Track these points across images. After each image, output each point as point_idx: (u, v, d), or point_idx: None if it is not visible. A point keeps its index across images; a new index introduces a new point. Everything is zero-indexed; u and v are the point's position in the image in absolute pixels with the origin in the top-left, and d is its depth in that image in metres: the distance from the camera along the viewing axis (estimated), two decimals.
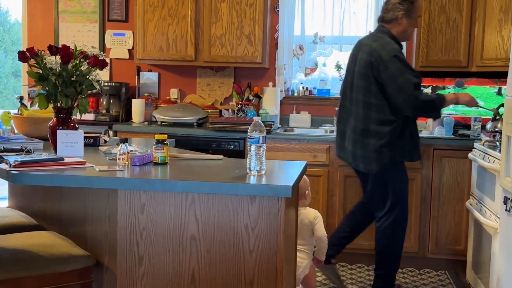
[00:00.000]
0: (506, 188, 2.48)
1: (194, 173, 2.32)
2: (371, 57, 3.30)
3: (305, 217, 3.04)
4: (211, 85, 4.86)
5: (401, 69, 3.23)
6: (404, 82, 3.21)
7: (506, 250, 2.53)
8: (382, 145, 3.28)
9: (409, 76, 3.23)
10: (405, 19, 3.40)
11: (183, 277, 2.14)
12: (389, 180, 3.38)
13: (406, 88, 3.21)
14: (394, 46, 3.32)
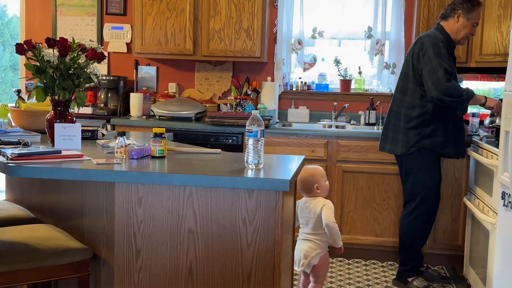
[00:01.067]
0: (504, 183, 2.48)
1: (192, 167, 2.32)
2: (416, 45, 3.53)
3: (315, 207, 3.05)
4: (210, 80, 4.85)
5: (438, 54, 3.38)
6: (438, 65, 3.35)
7: (504, 245, 2.54)
8: (409, 128, 3.48)
9: (444, 62, 3.36)
10: (462, 18, 3.52)
11: (180, 270, 2.14)
12: (413, 166, 3.52)
13: (438, 71, 3.34)
14: (439, 37, 3.48)
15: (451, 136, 3.49)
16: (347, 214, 4.07)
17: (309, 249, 3.02)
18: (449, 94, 3.32)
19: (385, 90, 4.64)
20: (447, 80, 3.32)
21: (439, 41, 3.45)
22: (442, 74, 3.32)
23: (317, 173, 3.12)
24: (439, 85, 3.32)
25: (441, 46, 3.42)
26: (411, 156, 3.50)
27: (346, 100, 4.64)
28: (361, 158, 4.03)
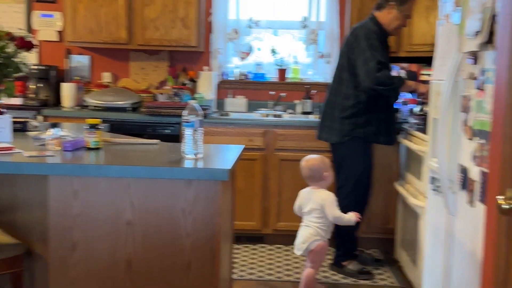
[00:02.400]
0: (433, 168, 2.60)
1: (129, 158, 2.29)
2: (351, 36, 3.63)
3: (317, 197, 3.19)
4: (145, 69, 4.77)
5: (370, 46, 3.48)
6: (370, 56, 3.45)
7: (432, 227, 2.66)
8: (344, 117, 3.58)
9: (376, 53, 3.46)
10: (394, 10, 3.60)
11: (118, 263, 2.11)
12: (346, 155, 3.62)
13: (370, 62, 3.44)
14: (372, 28, 3.58)
15: (383, 125, 3.62)
16: (285, 202, 4.13)
17: (309, 235, 3.18)
18: (380, 83, 3.44)
19: (320, 80, 4.72)
20: (378, 70, 3.43)
21: (372, 32, 3.54)
22: (373, 65, 3.43)
23: (326, 161, 3.28)
24: (371, 75, 3.43)
25: (374, 37, 3.52)
26: (345, 144, 3.61)
27: (282, 89, 4.69)
28: (298, 147, 4.10)
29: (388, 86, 3.47)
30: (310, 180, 3.26)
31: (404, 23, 3.71)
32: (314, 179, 3.24)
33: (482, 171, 2.00)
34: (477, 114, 2.07)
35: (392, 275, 3.72)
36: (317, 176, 3.22)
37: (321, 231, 3.19)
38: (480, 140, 2.03)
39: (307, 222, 3.24)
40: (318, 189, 3.23)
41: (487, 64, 2.00)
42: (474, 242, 2.06)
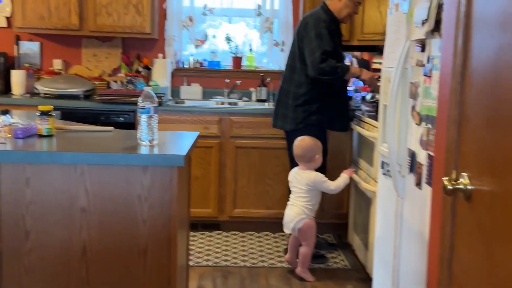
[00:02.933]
0: (383, 153, 2.68)
1: (83, 145, 2.27)
2: (301, 25, 3.69)
3: (306, 178, 3.39)
4: (98, 56, 4.70)
5: (318, 35, 3.54)
6: (316, 46, 3.52)
7: (383, 211, 2.75)
8: (297, 105, 3.64)
9: (323, 43, 3.52)
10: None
11: (73, 250, 2.10)
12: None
13: (316, 52, 3.51)
14: (322, 17, 3.62)
15: (336, 112, 3.70)
16: (240, 189, 4.17)
17: (295, 214, 3.40)
18: (324, 73, 3.52)
19: (275, 68, 4.77)
20: (322, 61, 3.50)
21: (322, 21, 3.59)
22: (318, 55, 3.50)
23: (320, 145, 3.47)
24: (315, 65, 3.51)
25: (322, 26, 3.57)
26: (299, 132, 3.66)
27: (237, 77, 4.71)
28: (254, 134, 4.14)
29: (331, 76, 3.54)
30: (300, 159, 3.45)
31: (355, 11, 3.75)
32: (304, 159, 3.43)
33: (429, 154, 2.08)
34: (424, 100, 2.15)
35: (345, 259, 3.82)
36: (307, 156, 3.42)
37: (306, 209, 3.41)
38: (427, 125, 2.12)
39: (293, 201, 3.46)
40: (305, 170, 3.43)
41: (434, 51, 2.07)
42: (422, 223, 2.15)
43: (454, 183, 1.58)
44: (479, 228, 1.49)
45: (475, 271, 1.50)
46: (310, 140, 3.47)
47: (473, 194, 1.52)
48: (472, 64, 1.56)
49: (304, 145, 3.44)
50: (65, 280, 2.11)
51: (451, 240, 1.67)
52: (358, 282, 3.45)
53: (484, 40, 1.49)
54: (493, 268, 1.39)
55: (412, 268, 2.27)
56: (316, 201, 3.49)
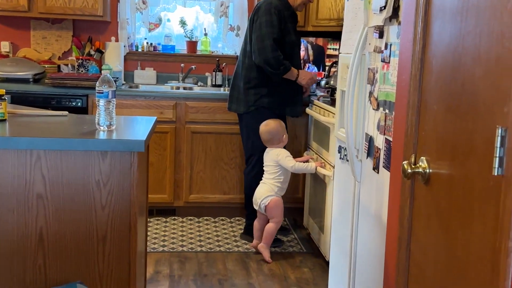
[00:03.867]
0: (341, 138, 2.73)
1: (38, 130, 2.20)
2: (254, 10, 3.69)
3: (273, 154, 3.52)
4: (48, 39, 4.55)
5: (269, 22, 3.54)
6: (267, 33, 3.53)
7: (339, 195, 2.80)
8: (249, 88, 3.68)
9: (274, 31, 3.53)
10: None
11: (30, 238, 2.05)
12: (253, 125, 3.69)
13: (266, 40, 3.52)
14: (274, 4, 3.60)
15: (287, 96, 3.73)
16: (196, 174, 4.15)
17: (263, 191, 3.53)
18: (269, 64, 3.54)
19: (230, 52, 4.75)
20: (273, 50, 3.52)
21: (273, 7, 3.59)
22: (270, 43, 3.52)
23: (282, 123, 3.59)
24: (263, 53, 3.53)
25: (273, 13, 3.57)
26: (251, 114, 3.70)
27: (193, 62, 4.67)
28: (209, 119, 4.12)
29: (274, 70, 3.55)
30: (269, 143, 3.55)
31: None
32: (273, 142, 3.54)
33: (386, 139, 2.13)
34: (382, 86, 2.20)
35: (301, 242, 3.88)
36: (276, 139, 3.53)
37: (275, 187, 3.54)
38: (384, 110, 2.16)
39: (264, 180, 3.59)
40: (273, 148, 3.55)
41: (392, 38, 2.11)
42: (379, 206, 2.20)
43: (413, 166, 1.63)
44: (437, 211, 1.54)
45: (433, 252, 1.56)
46: (274, 123, 3.55)
47: (431, 177, 1.57)
48: (431, 50, 1.60)
49: (270, 129, 3.52)
50: (21, 268, 2.06)
51: (410, 222, 1.72)
52: (314, 265, 3.51)
53: (443, 27, 1.53)
54: (450, 249, 1.45)
55: (369, 251, 2.33)
56: (285, 179, 3.58)
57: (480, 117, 1.30)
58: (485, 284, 1.25)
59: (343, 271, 2.65)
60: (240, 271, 3.37)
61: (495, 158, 1.19)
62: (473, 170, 1.33)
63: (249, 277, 3.29)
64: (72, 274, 2.09)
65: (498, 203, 1.20)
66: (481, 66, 1.31)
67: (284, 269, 3.42)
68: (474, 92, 1.34)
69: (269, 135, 3.54)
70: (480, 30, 1.32)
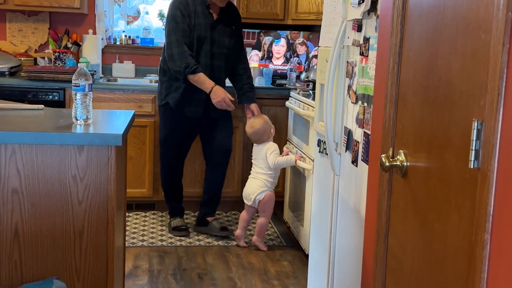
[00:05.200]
0: (319, 131, 2.73)
1: (12, 123, 2.16)
2: None
3: (264, 149, 3.54)
4: (24, 31, 4.47)
5: (173, 16, 3.46)
6: (172, 28, 3.46)
7: (318, 188, 2.81)
8: (163, 81, 3.66)
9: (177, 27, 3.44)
10: None
11: (5, 233, 2.01)
12: (160, 116, 3.73)
13: (171, 34, 3.47)
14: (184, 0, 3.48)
15: (185, 95, 3.56)
16: None
17: (256, 186, 3.53)
18: (173, 59, 3.44)
19: None
20: (178, 46, 3.42)
21: (179, 2, 3.46)
22: (174, 38, 3.44)
23: (266, 118, 3.60)
24: (169, 48, 3.46)
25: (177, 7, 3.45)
26: (161, 107, 3.70)
27: None
28: None
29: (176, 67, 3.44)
30: (259, 141, 3.56)
31: None
32: (263, 140, 3.55)
33: (365, 132, 2.14)
34: (361, 79, 2.20)
35: (281, 236, 3.88)
36: (265, 136, 3.55)
37: (267, 182, 3.55)
38: (363, 104, 2.17)
39: (254, 174, 3.59)
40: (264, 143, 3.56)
41: (370, 31, 2.12)
42: (358, 199, 2.21)
43: (391, 159, 1.63)
44: (414, 203, 1.55)
45: (411, 244, 1.57)
46: (258, 121, 3.55)
47: (409, 170, 1.58)
48: (409, 44, 1.61)
49: (256, 130, 3.54)
50: None
51: (387, 215, 1.73)
52: (293, 258, 3.52)
53: (421, 20, 1.54)
54: (427, 242, 1.46)
55: (348, 244, 2.34)
56: (276, 174, 3.61)
57: (457, 110, 1.31)
58: (462, 276, 1.27)
59: (323, 264, 2.66)
60: (219, 265, 3.36)
61: (471, 151, 1.20)
62: (449, 163, 1.34)
63: (229, 271, 3.29)
64: (49, 269, 2.06)
65: (474, 195, 1.21)
66: (457, 59, 1.32)
67: (264, 263, 3.43)
68: (451, 85, 1.34)
69: (256, 135, 3.55)
70: (456, 23, 1.33)
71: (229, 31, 3.61)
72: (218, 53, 3.57)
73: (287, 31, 4.65)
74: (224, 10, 3.59)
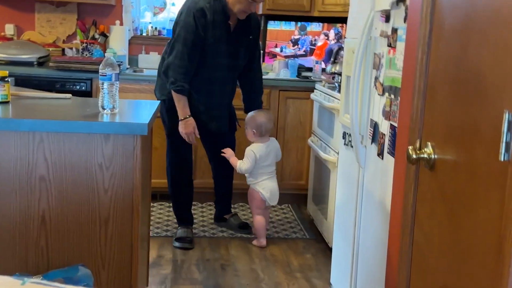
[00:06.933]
0: (345, 124, 2.70)
1: (41, 112, 2.19)
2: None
3: (275, 146, 3.55)
4: (52, 22, 4.53)
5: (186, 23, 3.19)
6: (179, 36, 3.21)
7: (343, 181, 2.79)
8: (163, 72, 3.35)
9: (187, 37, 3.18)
10: None
11: (32, 219, 2.04)
12: (165, 111, 3.44)
13: (177, 42, 3.21)
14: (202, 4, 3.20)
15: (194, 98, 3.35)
16: (200, 159, 4.13)
17: (276, 185, 3.57)
18: (168, 68, 3.25)
19: None
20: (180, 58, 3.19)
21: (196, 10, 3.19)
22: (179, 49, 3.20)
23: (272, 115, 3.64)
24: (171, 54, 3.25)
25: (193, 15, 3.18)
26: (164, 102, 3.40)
27: None
28: None
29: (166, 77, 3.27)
30: (270, 133, 3.54)
31: (250, 8, 3.24)
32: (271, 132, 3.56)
33: (391, 124, 2.11)
34: (388, 71, 2.17)
35: (304, 229, 3.87)
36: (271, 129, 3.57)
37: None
38: (390, 96, 2.14)
39: (270, 174, 3.54)
40: (273, 139, 3.58)
41: (398, 22, 2.09)
42: (383, 192, 2.19)
43: (418, 152, 1.61)
44: (442, 197, 1.53)
45: (437, 238, 1.54)
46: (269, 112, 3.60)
47: (436, 163, 1.55)
48: (438, 34, 1.58)
49: (272, 119, 3.57)
50: (23, 249, 2.06)
51: (413, 208, 1.71)
52: (317, 251, 3.51)
53: (451, 10, 1.50)
54: (454, 236, 1.43)
55: (373, 237, 2.32)
56: None
57: (488, 102, 1.28)
58: (489, 270, 1.24)
59: (346, 258, 2.64)
60: (242, 256, 3.37)
61: (502, 143, 1.17)
62: (479, 155, 1.31)
63: (251, 262, 3.29)
64: (74, 256, 2.09)
65: (503, 189, 1.18)
66: (489, 50, 1.29)
67: (287, 255, 3.42)
68: (482, 76, 1.31)
69: (272, 125, 3.55)
70: (488, 14, 1.30)
71: (246, 41, 3.42)
72: (233, 65, 3.40)
73: (312, 22, 4.61)
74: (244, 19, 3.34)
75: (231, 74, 3.44)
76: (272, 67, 4.48)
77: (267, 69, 4.42)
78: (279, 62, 4.41)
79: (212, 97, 3.40)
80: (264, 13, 4.42)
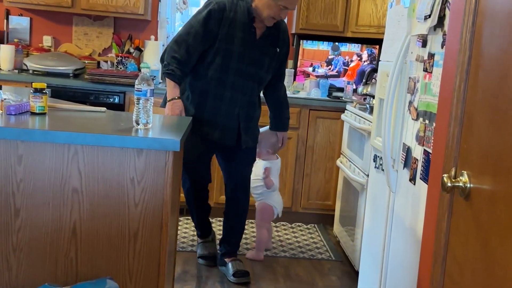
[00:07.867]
0: (377, 146, 2.68)
1: (76, 124, 2.23)
2: None
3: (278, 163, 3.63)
4: (89, 35, 4.63)
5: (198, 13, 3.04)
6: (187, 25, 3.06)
7: (373, 205, 2.76)
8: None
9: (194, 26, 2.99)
10: None
11: (63, 230, 2.07)
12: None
13: (182, 29, 3.06)
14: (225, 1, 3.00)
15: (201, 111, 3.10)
16: None
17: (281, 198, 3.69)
18: (164, 53, 3.08)
19: None
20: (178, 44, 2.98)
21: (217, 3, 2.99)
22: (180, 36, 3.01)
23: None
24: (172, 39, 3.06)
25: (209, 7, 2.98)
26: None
27: None
28: None
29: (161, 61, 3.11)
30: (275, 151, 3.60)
31: (281, 15, 3.00)
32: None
33: (425, 150, 2.08)
34: (423, 96, 2.15)
35: (329, 250, 3.83)
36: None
37: None
38: (424, 121, 2.12)
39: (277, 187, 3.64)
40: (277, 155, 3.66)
41: (435, 47, 2.07)
42: (414, 218, 2.16)
43: (453, 180, 1.58)
44: (477, 227, 1.49)
45: (471, 269, 1.51)
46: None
47: (472, 192, 1.52)
48: (478, 62, 1.56)
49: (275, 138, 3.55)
50: (53, 260, 2.08)
51: (446, 237, 1.68)
52: (343, 274, 3.46)
53: (492, 38, 1.49)
54: (490, 268, 1.40)
55: (402, 264, 2.28)
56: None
57: None
58: None
59: (373, 283, 2.60)
60: (267, 275, 3.35)
61: None
62: None
63: (276, 282, 3.27)
64: (103, 269, 2.11)
65: None
66: None
67: (312, 276, 3.39)
68: None
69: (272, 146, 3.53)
70: None
71: (272, 51, 3.13)
72: (251, 73, 3.08)
73: (345, 43, 4.61)
74: (272, 29, 3.12)
75: (251, 83, 3.11)
76: (303, 86, 4.48)
77: (298, 88, 4.42)
78: (310, 82, 4.41)
79: (220, 102, 3.08)
80: (297, 32, 4.43)
